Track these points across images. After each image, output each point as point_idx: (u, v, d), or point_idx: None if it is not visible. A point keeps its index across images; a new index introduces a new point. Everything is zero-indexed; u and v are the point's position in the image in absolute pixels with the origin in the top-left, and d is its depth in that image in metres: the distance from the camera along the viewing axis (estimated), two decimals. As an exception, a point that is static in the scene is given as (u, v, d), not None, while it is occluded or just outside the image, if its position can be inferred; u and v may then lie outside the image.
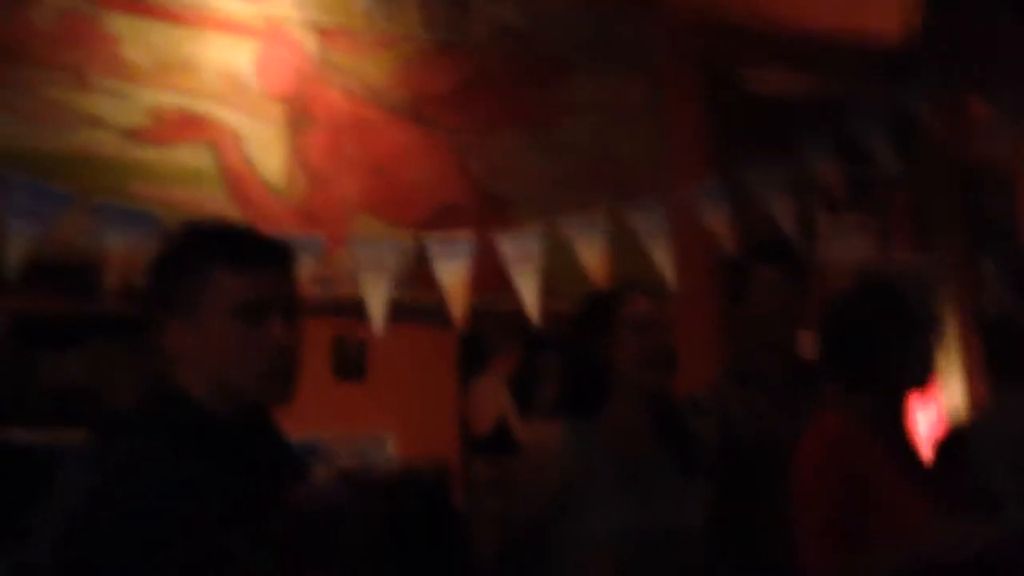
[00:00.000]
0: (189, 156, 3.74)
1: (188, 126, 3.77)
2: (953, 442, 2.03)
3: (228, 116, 3.82)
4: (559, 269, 3.89)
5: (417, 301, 3.84)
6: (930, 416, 4.41)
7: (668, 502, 1.77)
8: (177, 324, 1.40)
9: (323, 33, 4.04)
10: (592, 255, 3.85)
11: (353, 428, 3.79)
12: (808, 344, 2.33)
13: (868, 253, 4.62)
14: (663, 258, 3.68)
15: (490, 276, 3.80)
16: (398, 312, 3.68)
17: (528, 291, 3.75)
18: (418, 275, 3.80)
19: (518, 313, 3.73)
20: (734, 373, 2.40)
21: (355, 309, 3.41)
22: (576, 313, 2.03)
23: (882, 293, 1.92)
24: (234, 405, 1.41)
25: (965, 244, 4.62)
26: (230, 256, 1.42)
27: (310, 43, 4.01)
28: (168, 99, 3.75)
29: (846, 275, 4.56)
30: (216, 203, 3.73)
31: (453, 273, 3.70)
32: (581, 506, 1.72)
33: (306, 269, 3.42)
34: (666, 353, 1.89)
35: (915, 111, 3.93)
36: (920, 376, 1.83)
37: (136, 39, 3.72)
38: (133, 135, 3.68)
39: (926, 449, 1.96)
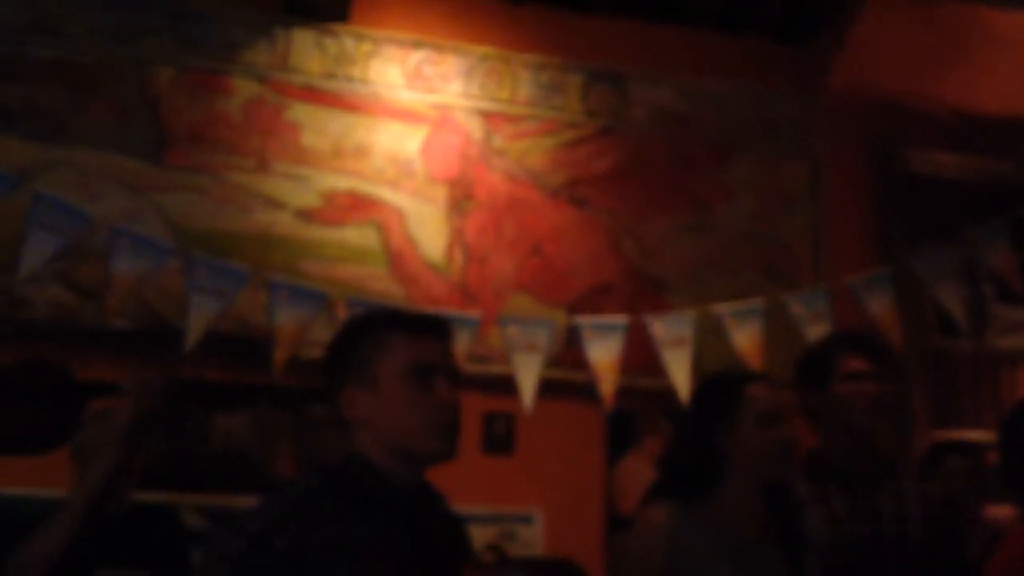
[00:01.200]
0: (357, 236, 3.97)
1: (357, 207, 4.01)
2: None
3: (394, 198, 4.04)
4: (712, 352, 3.87)
5: (567, 379, 3.90)
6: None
7: None
8: (355, 391, 1.55)
9: (488, 118, 4.22)
10: (747, 341, 3.81)
11: (501, 503, 3.85)
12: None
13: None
14: (822, 347, 3.59)
15: (641, 356, 3.82)
16: (547, 389, 3.75)
17: (679, 373, 3.74)
18: (569, 353, 3.88)
19: (669, 393, 3.73)
20: (813, 469, 2.27)
21: (506, 385, 3.49)
22: (697, 393, 1.99)
23: None
24: (409, 465, 1.55)
25: None
26: (402, 325, 1.59)
27: (476, 128, 4.20)
28: (341, 182, 4.00)
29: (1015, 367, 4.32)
30: (380, 280, 3.93)
31: (604, 353, 3.73)
32: None
33: (461, 346, 3.55)
34: (788, 445, 1.86)
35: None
36: None
37: (315, 127, 4.01)
38: (307, 216, 3.94)
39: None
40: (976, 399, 4.28)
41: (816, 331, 3.62)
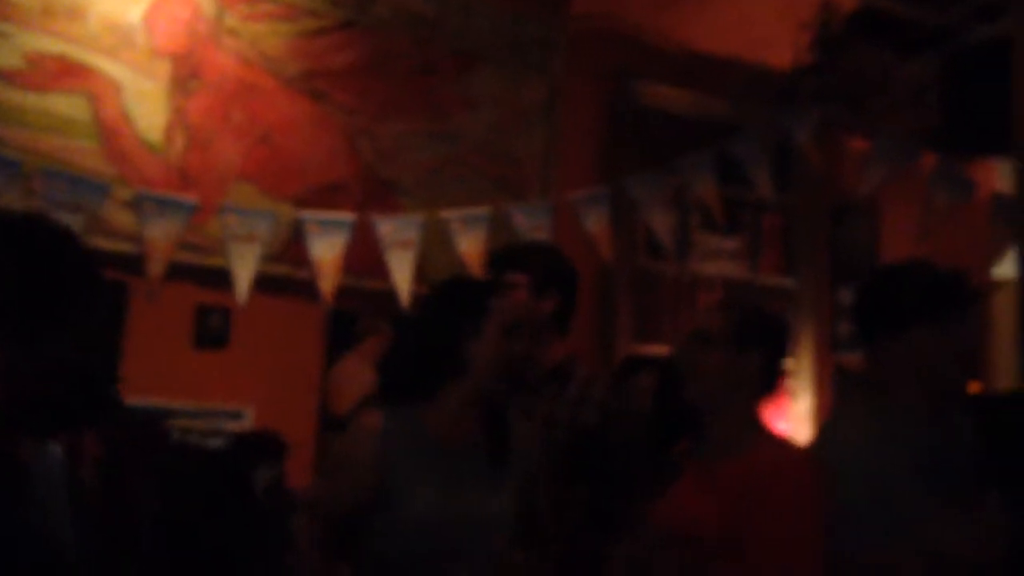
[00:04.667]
0: (64, 105, 3.62)
1: (67, 74, 3.65)
2: None
3: (110, 68, 3.71)
4: (437, 257, 3.93)
5: (289, 275, 3.81)
6: (782, 424, 4.60)
7: (477, 493, 1.78)
8: None
9: (222, -5, 3.96)
10: (471, 246, 3.89)
11: (211, 399, 3.74)
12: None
13: (738, 272, 4.78)
14: (539, 257, 3.72)
15: (366, 257, 3.80)
16: (267, 284, 3.66)
17: (401, 275, 3.77)
18: (292, 249, 3.79)
19: (392, 295, 3.75)
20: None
21: (222, 278, 3.37)
22: (439, 296, 1.93)
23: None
24: None
25: (827, 271, 4.82)
26: None
27: (207, 3, 3.93)
28: (49, 45, 3.62)
29: (717, 290, 4.71)
30: (88, 156, 3.62)
31: (327, 250, 3.69)
32: (399, 490, 1.73)
33: (173, 231, 3.37)
34: (525, 358, 1.83)
35: (795, 141, 4.08)
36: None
37: (19, -23, 3.59)
38: (7, 77, 3.54)
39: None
40: (675, 318, 4.64)
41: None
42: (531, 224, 3.97)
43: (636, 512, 1.91)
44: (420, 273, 3.73)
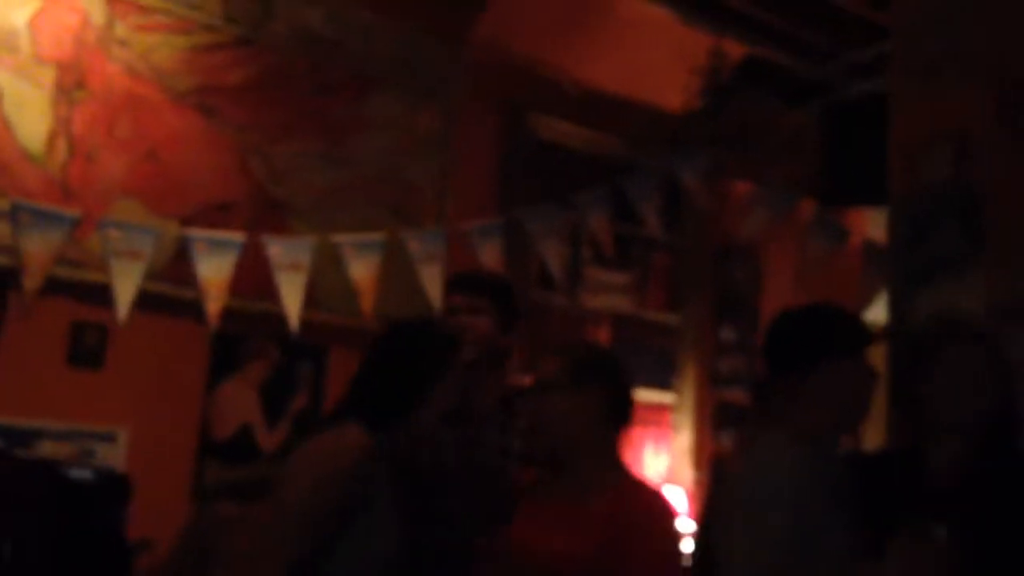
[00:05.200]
0: (-63, 107, 3.45)
1: (-59, 74, 3.48)
2: None
3: (-10, 71, 3.56)
4: (329, 281, 3.88)
5: (173, 294, 3.70)
6: (663, 460, 4.69)
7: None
8: None
9: (112, 3, 3.84)
10: (363, 272, 3.85)
11: (83, 420, 3.58)
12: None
13: (626, 306, 4.88)
14: (433, 286, 3.72)
15: (254, 279, 3.72)
16: (149, 302, 3.53)
17: (291, 299, 3.70)
18: (177, 268, 3.67)
19: (279, 319, 3.67)
20: None
21: (100, 294, 3.24)
22: (406, 336, 2.00)
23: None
24: None
25: (711, 308, 4.97)
26: None
27: (97, 11, 3.80)
28: (-77, 42, 3.45)
29: (605, 324, 4.79)
30: (-39, 162, 3.45)
31: (215, 270, 3.59)
32: (373, 516, 1.73)
33: (52, 245, 3.23)
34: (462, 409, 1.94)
35: (683, 182, 4.21)
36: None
37: None
38: None
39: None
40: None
41: (430, 270, 3.75)
42: (425, 252, 3.96)
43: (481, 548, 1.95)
44: (310, 297, 3.67)
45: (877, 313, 4.16)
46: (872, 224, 4.68)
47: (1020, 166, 3.30)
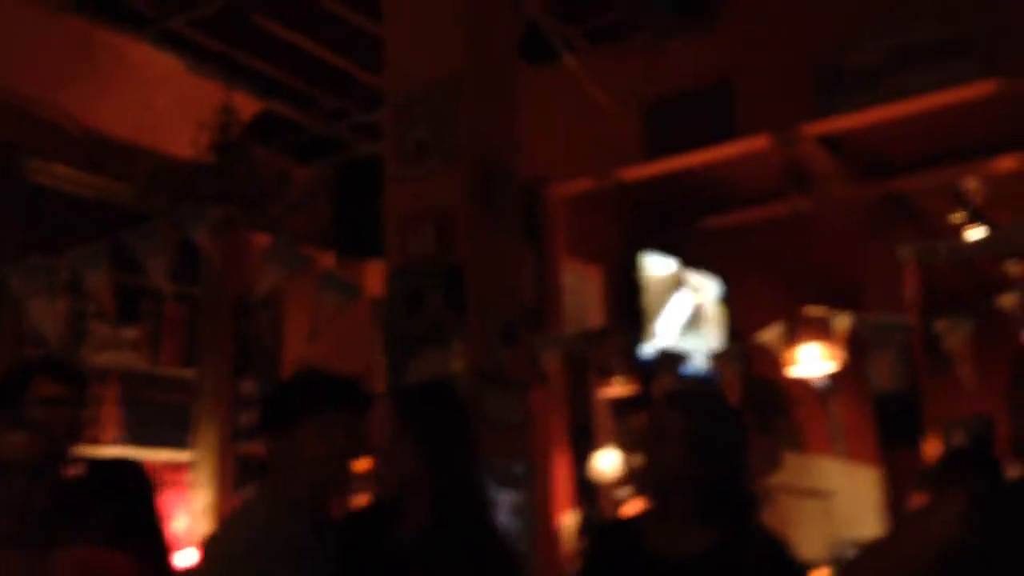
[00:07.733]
0: None
1: None
2: None
3: None
4: None
5: None
6: (182, 520, 4.55)
7: None
8: None
9: None
10: None
11: None
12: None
13: (136, 362, 4.65)
14: None
15: None
16: None
17: None
18: None
19: None
20: None
21: None
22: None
23: None
24: None
25: (230, 361, 4.90)
26: None
27: None
28: None
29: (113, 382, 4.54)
30: None
31: None
32: None
33: None
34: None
35: (194, 234, 4.09)
36: None
37: None
38: None
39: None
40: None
41: None
42: None
43: None
44: None
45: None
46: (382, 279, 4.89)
47: (492, 244, 3.64)
